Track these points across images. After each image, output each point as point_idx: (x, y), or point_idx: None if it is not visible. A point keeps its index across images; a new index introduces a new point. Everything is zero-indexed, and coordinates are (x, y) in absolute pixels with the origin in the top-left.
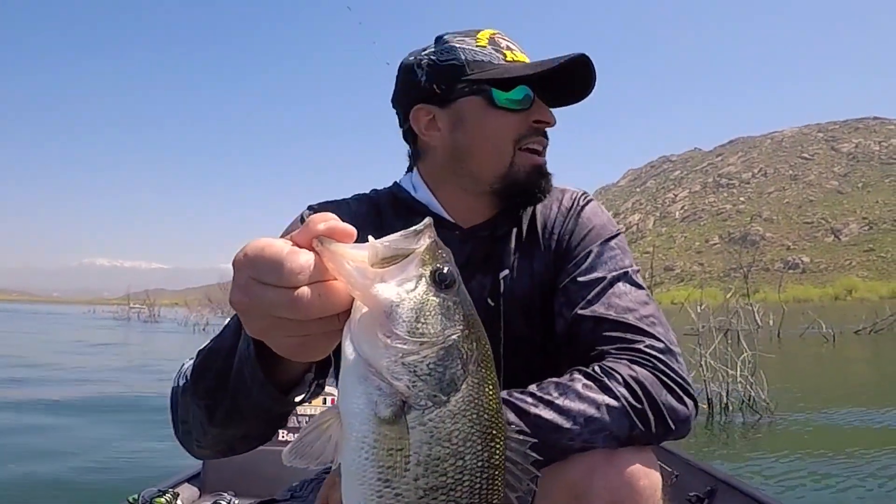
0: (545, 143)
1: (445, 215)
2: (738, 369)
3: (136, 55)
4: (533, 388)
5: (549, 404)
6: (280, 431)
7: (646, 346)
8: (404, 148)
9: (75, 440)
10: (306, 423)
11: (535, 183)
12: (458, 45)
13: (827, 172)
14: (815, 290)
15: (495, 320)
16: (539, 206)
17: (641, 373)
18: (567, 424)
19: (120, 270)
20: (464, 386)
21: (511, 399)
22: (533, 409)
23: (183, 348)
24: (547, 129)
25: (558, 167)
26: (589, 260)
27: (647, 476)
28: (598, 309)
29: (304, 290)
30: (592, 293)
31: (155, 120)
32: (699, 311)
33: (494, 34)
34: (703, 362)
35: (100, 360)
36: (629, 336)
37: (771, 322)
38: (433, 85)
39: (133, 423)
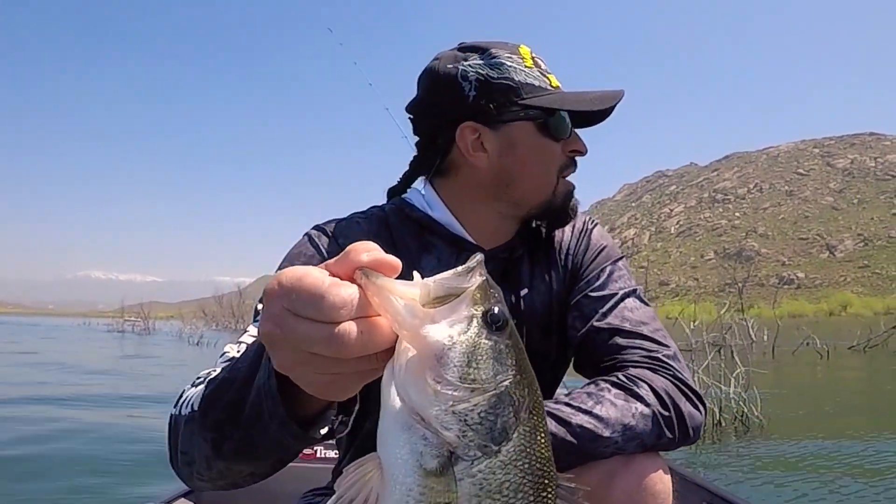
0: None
1: (467, 236)
2: (732, 385)
3: (129, 67)
4: (563, 397)
5: (588, 413)
6: None
7: (663, 356)
8: (389, 162)
9: (69, 454)
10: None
11: (569, 206)
12: (508, 63)
13: (822, 188)
14: (809, 305)
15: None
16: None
17: (663, 381)
18: (606, 433)
19: (115, 283)
20: (515, 435)
21: (548, 409)
22: (574, 419)
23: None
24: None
25: None
26: (602, 278)
27: (662, 481)
28: (613, 321)
29: (346, 327)
30: (606, 307)
31: (151, 132)
32: (692, 326)
33: (532, 53)
34: (695, 378)
35: (93, 370)
36: (647, 345)
37: (765, 337)
38: (486, 103)
39: (127, 435)
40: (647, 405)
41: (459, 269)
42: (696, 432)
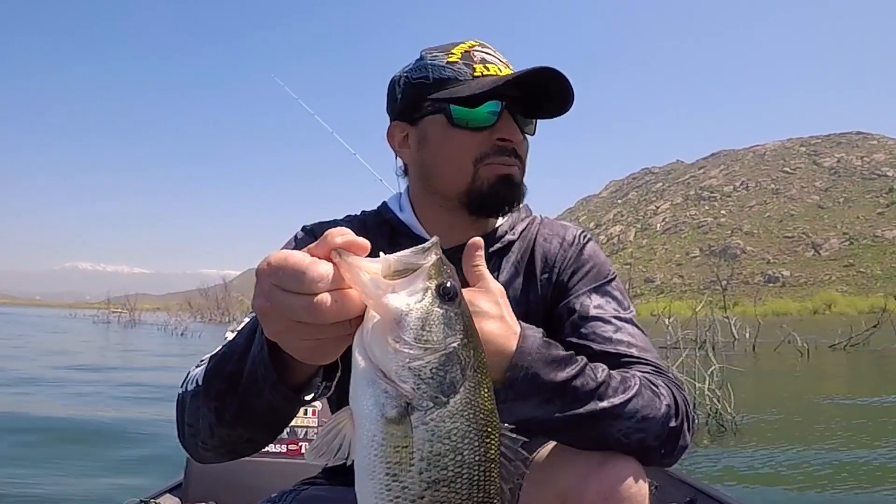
0: (512, 163)
1: (426, 236)
2: (707, 383)
3: (119, 60)
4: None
5: (624, 394)
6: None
7: (667, 380)
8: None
9: (53, 455)
10: (315, 430)
11: (497, 193)
12: (430, 62)
13: (808, 187)
14: (794, 303)
15: None
16: (539, 240)
17: (677, 394)
18: (622, 419)
19: (102, 274)
20: (462, 389)
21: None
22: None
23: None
24: (520, 145)
25: (539, 177)
26: (595, 299)
27: (638, 484)
28: (620, 348)
29: (323, 297)
30: (608, 332)
31: (139, 125)
32: (668, 323)
33: (472, 47)
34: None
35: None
36: (653, 370)
37: (748, 335)
38: (407, 103)
39: (113, 438)
40: (659, 409)
41: (417, 248)
42: (679, 454)
